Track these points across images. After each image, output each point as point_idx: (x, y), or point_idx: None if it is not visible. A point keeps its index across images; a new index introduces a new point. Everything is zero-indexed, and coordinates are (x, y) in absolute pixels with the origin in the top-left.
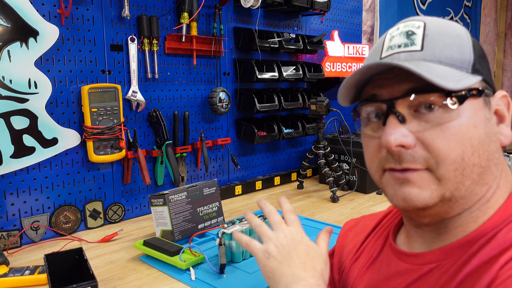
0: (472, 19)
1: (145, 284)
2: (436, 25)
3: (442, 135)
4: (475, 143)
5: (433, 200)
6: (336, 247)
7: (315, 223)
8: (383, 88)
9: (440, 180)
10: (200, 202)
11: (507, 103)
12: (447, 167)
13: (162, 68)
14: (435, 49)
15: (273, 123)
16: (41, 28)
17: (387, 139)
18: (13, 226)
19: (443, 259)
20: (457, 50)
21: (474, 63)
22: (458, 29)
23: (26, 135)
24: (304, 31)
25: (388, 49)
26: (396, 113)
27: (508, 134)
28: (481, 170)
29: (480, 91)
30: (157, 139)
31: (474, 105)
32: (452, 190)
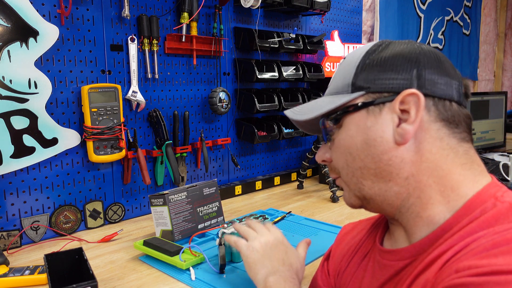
0: (472, 19)
1: (145, 284)
2: (345, 59)
3: (334, 149)
4: (353, 150)
5: (352, 199)
6: (332, 249)
7: (315, 223)
8: None
9: (346, 184)
10: (200, 202)
11: (416, 100)
12: (342, 173)
13: (162, 68)
14: (331, 84)
15: (273, 123)
16: (41, 28)
17: (316, 157)
18: (13, 226)
19: (417, 255)
20: (341, 78)
21: (353, 83)
22: (353, 56)
23: (26, 135)
24: (304, 31)
25: None
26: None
27: (402, 133)
28: (372, 171)
29: (356, 105)
30: (157, 139)
31: (354, 118)
32: (357, 190)
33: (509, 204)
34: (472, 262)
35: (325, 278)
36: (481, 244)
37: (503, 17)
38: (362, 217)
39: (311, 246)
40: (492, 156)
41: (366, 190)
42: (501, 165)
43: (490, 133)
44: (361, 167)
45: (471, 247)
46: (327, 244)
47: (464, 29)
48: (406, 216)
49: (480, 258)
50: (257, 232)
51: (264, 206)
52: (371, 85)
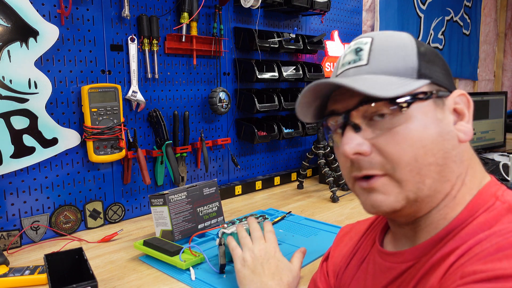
0: (472, 19)
1: (145, 284)
2: (383, 39)
3: (392, 139)
4: (427, 143)
5: (399, 203)
6: (331, 251)
7: (315, 223)
8: (338, 102)
9: (400, 183)
10: (200, 202)
11: (466, 101)
12: (402, 170)
13: (162, 68)
14: (380, 61)
15: (273, 123)
16: (41, 28)
17: (344, 148)
18: (13, 226)
19: (420, 257)
20: (401, 59)
21: (419, 69)
22: (404, 39)
23: (26, 135)
24: (304, 31)
25: (342, 66)
26: (351, 123)
27: (467, 131)
28: (439, 169)
29: (427, 94)
30: (157, 139)
31: (422, 108)
32: (414, 191)
33: (510, 204)
34: (477, 267)
35: (324, 279)
36: (485, 248)
37: (503, 17)
38: (362, 217)
39: (311, 246)
40: (492, 156)
41: (424, 191)
42: (501, 165)
43: (490, 133)
44: (430, 163)
45: (474, 251)
46: (327, 244)
47: (464, 29)
48: (432, 218)
49: (485, 262)
50: (253, 241)
51: (264, 206)
52: (432, 76)
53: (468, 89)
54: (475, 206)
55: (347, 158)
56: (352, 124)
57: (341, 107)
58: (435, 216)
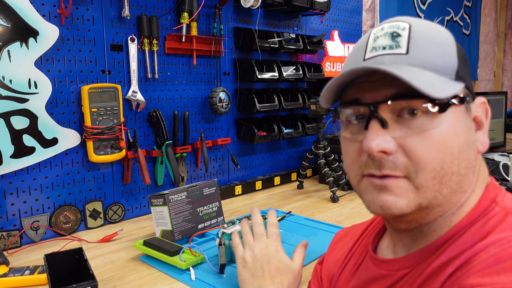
0: (472, 19)
1: (145, 284)
2: (422, 28)
3: (424, 142)
4: (455, 151)
5: (410, 208)
6: (326, 255)
7: (315, 223)
8: (366, 91)
9: (419, 189)
10: (200, 202)
11: (485, 110)
12: (426, 175)
13: (162, 68)
14: (420, 53)
15: (273, 123)
16: (41, 28)
17: (369, 144)
18: (13, 226)
19: (416, 264)
20: (442, 56)
21: (458, 70)
22: (444, 33)
23: (26, 135)
24: (304, 31)
25: (372, 50)
26: (378, 117)
27: (485, 142)
28: (459, 179)
29: (462, 99)
30: (157, 139)
31: (456, 113)
32: (430, 199)
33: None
34: (474, 281)
35: (318, 283)
36: (483, 260)
37: (503, 17)
38: (362, 217)
39: (310, 246)
40: (492, 156)
41: (439, 200)
42: (501, 165)
43: (490, 133)
44: (453, 172)
45: (472, 263)
46: (326, 244)
47: (464, 29)
48: (436, 225)
49: (482, 275)
50: (255, 239)
51: (264, 206)
52: (466, 79)
53: None
54: (475, 213)
55: (365, 153)
56: (379, 118)
57: (369, 97)
58: (439, 223)
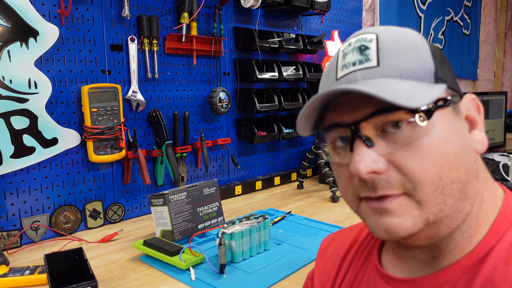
0: (472, 19)
1: (145, 284)
2: (390, 36)
3: (414, 155)
4: (450, 158)
5: (417, 227)
6: (316, 267)
7: (315, 223)
8: (344, 113)
9: (421, 204)
10: (200, 202)
11: (477, 106)
12: (426, 189)
13: (162, 68)
14: (392, 63)
15: (273, 123)
16: (41, 28)
17: (357, 167)
18: (13, 226)
19: (437, 286)
20: (416, 61)
21: (436, 72)
22: (414, 36)
23: (26, 135)
24: (304, 31)
25: (343, 68)
26: (362, 137)
27: (482, 141)
28: (462, 186)
29: (447, 100)
30: (157, 139)
31: (443, 117)
32: (436, 213)
33: None
34: None
35: None
36: None
37: (503, 17)
38: None
39: (311, 246)
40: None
41: (445, 212)
42: (501, 165)
43: (490, 133)
44: (454, 180)
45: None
46: None
47: (464, 29)
48: (456, 242)
49: None
50: None
51: (264, 206)
52: (447, 79)
53: (468, 89)
54: (501, 227)
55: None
56: (363, 138)
57: (347, 118)
58: (459, 239)
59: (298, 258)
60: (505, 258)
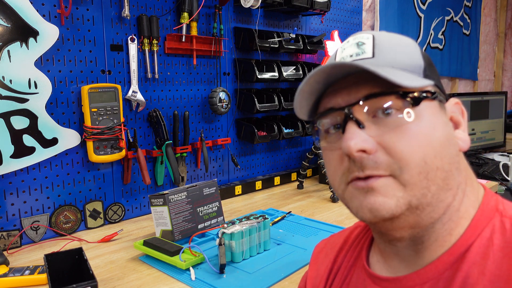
0: (472, 19)
1: (145, 284)
2: (385, 36)
3: (402, 137)
4: (436, 144)
5: (400, 208)
6: (309, 271)
7: (315, 223)
8: (338, 97)
9: (405, 186)
10: (200, 202)
11: (461, 110)
12: (411, 171)
13: (162, 68)
14: (386, 55)
15: (273, 123)
16: (41, 28)
17: (348, 144)
18: (13, 226)
19: (421, 284)
20: (408, 56)
21: (425, 68)
22: (407, 39)
23: (26, 135)
24: (304, 31)
25: (340, 60)
26: (354, 119)
27: (465, 139)
28: (444, 175)
29: (434, 93)
30: (157, 139)
31: (431, 107)
32: (418, 197)
33: None
34: None
35: None
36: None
37: (503, 17)
38: None
39: (311, 246)
40: (492, 156)
41: (428, 198)
42: (501, 165)
43: (490, 133)
44: (438, 167)
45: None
46: None
47: (464, 29)
48: (437, 233)
49: None
50: None
51: (264, 206)
52: (435, 79)
53: (468, 89)
54: (480, 223)
55: (346, 158)
56: (355, 119)
57: (342, 101)
58: (440, 231)
59: (298, 258)
60: (484, 253)
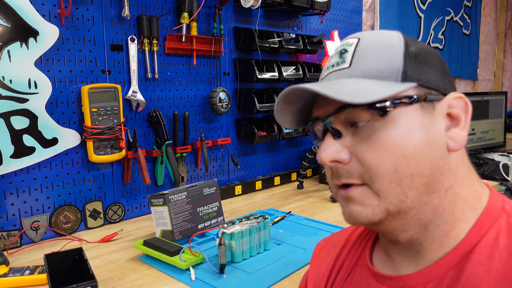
0: (472, 19)
1: (145, 284)
2: (369, 40)
3: (371, 148)
4: (408, 152)
5: (377, 216)
6: (310, 270)
7: (315, 223)
8: (320, 108)
9: (379, 195)
10: (200, 202)
11: (464, 105)
12: (381, 180)
13: (162, 68)
14: (361, 64)
15: (273, 123)
16: (41, 28)
17: (320, 155)
18: (13, 226)
19: (425, 283)
20: (385, 61)
21: (404, 71)
22: (391, 39)
23: (26, 135)
24: (304, 31)
25: (326, 70)
26: (329, 129)
27: (459, 139)
28: (425, 180)
29: (412, 98)
30: (157, 139)
31: (406, 113)
32: (396, 203)
33: None
34: None
35: None
36: None
37: (503, 17)
38: None
39: (311, 246)
40: (492, 156)
41: (407, 203)
42: (501, 165)
43: (490, 133)
44: (413, 173)
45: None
46: None
47: (464, 29)
48: (433, 234)
49: None
50: None
51: (264, 206)
52: (421, 78)
53: (468, 89)
54: (485, 223)
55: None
56: (332, 131)
57: (322, 113)
58: (435, 232)
59: (298, 258)
60: (489, 253)
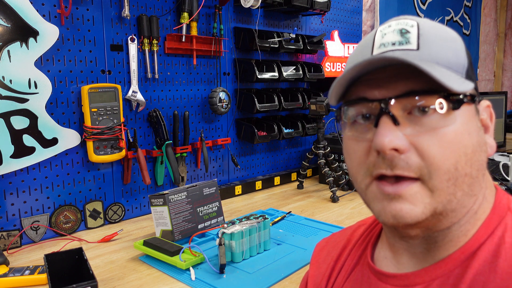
0: (472, 19)
1: (145, 284)
2: (430, 26)
3: (437, 141)
4: (469, 151)
5: (425, 215)
6: (310, 270)
7: (315, 223)
8: (374, 88)
9: (433, 192)
10: (200, 202)
11: (490, 114)
12: (441, 177)
13: (162, 68)
14: (432, 49)
15: (273, 123)
16: (41, 28)
17: (381, 140)
18: (13, 226)
19: (430, 281)
20: (453, 53)
21: (468, 69)
22: (452, 32)
23: (26, 135)
24: (304, 31)
25: (380, 46)
26: (390, 114)
27: (492, 145)
28: (471, 181)
29: (474, 98)
30: (157, 139)
31: (468, 112)
32: (444, 203)
33: None
34: None
35: None
36: None
37: (503, 17)
38: (362, 217)
39: (311, 246)
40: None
41: (453, 204)
42: (501, 165)
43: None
44: (467, 173)
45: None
46: None
47: (464, 29)
48: (453, 234)
49: None
50: None
51: (264, 206)
52: (474, 80)
53: None
54: (492, 222)
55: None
56: (391, 115)
57: (378, 94)
58: (455, 233)
59: (298, 258)
60: (495, 252)
